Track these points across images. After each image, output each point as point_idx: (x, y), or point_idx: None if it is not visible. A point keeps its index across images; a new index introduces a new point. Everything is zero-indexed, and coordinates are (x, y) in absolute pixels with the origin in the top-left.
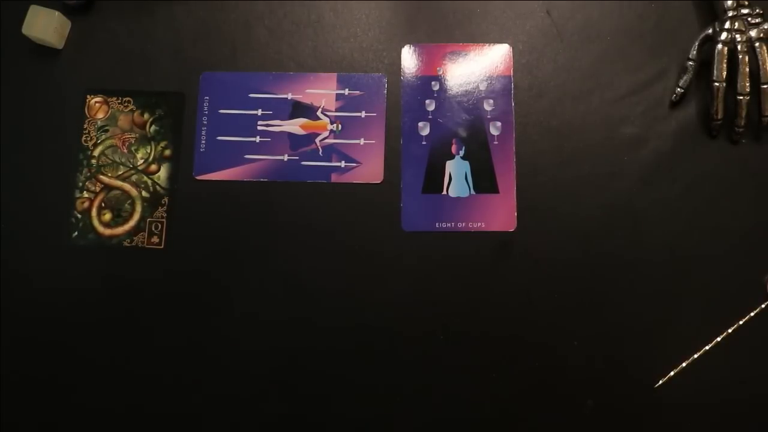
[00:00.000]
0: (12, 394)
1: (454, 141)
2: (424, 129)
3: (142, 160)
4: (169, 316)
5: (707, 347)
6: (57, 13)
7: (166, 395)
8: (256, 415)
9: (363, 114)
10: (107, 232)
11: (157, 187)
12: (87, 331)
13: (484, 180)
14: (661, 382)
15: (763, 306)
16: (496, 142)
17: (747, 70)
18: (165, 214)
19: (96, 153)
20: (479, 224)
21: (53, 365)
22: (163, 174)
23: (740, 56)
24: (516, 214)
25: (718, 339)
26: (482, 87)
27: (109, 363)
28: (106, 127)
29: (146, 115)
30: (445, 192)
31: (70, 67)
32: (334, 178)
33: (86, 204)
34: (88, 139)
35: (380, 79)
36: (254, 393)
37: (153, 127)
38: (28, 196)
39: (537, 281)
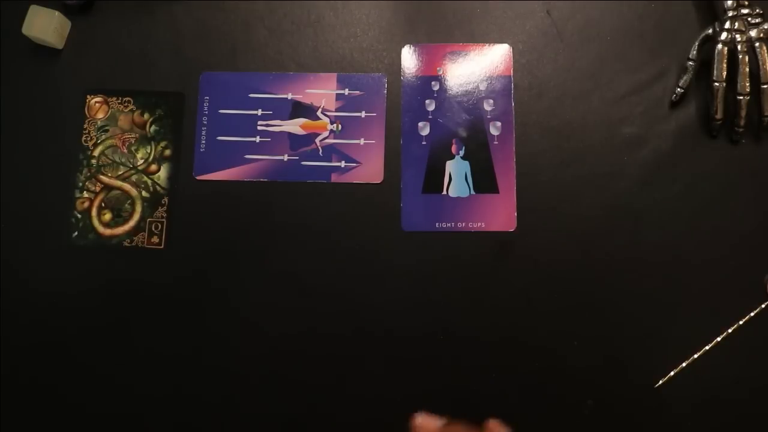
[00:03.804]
0: (12, 394)
1: (454, 141)
2: (424, 129)
3: (142, 160)
4: (169, 316)
5: (707, 347)
6: (57, 13)
7: (165, 395)
8: (255, 415)
9: (363, 114)
10: (107, 232)
11: (157, 187)
12: (87, 331)
13: (484, 180)
14: (661, 382)
15: (763, 306)
16: (496, 142)
17: (747, 70)
18: (165, 214)
19: (96, 153)
20: (479, 224)
21: (53, 365)
22: (163, 174)
23: (740, 56)
24: (516, 214)
25: (718, 339)
26: (482, 87)
27: (109, 363)
28: (106, 127)
29: (146, 115)
30: (445, 192)
31: (70, 67)
32: (334, 178)
33: (86, 204)
34: (88, 139)
35: (380, 79)
36: (253, 393)
37: (153, 127)
38: (28, 196)
39: (537, 281)
